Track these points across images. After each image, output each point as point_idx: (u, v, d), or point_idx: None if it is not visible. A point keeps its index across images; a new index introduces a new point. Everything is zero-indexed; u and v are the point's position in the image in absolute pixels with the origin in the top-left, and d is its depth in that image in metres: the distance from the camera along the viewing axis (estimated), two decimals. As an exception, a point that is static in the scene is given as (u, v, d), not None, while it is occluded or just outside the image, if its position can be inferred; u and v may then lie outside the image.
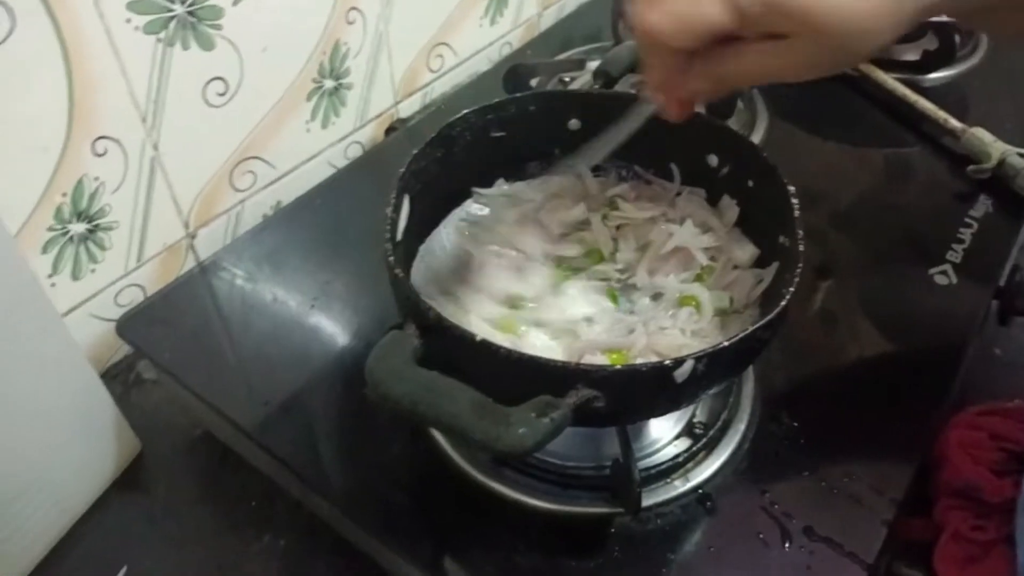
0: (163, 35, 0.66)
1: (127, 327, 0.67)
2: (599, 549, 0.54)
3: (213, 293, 0.71)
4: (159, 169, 0.71)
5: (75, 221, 0.66)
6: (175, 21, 0.66)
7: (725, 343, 0.45)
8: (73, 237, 0.67)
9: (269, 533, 0.61)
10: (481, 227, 0.64)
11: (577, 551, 0.54)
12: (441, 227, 0.64)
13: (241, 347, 0.67)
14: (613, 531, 0.54)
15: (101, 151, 0.66)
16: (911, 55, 0.98)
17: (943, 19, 0.91)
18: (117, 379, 0.72)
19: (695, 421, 0.60)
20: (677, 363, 0.44)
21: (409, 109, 0.96)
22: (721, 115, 0.59)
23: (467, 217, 0.65)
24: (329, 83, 0.84)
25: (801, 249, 0.51)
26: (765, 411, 0.62)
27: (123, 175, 0.68)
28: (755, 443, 0.60)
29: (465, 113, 0.61)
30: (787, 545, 0.53)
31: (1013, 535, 0.59)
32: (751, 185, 0.60)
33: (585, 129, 0.64)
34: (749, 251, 0.60)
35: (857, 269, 0.75)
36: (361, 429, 0.61)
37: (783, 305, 0.48)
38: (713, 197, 0.64)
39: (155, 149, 0.70)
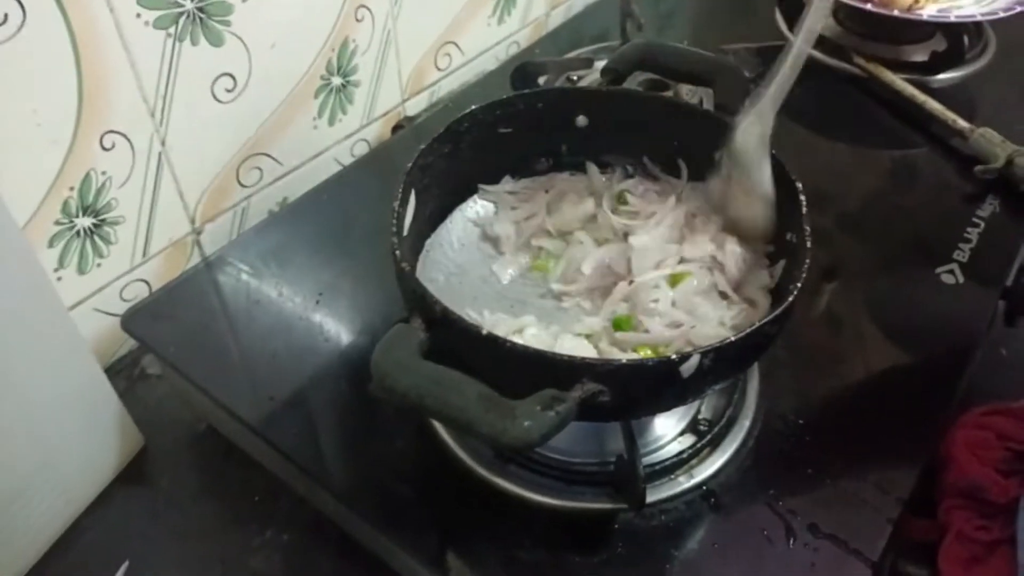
0: (173, 30, 0.66)
1: (132, 322, 0.67)
2: (603, 545, 0.54)
3: (218, 288, 0.71)
4: (166, 164, 0.71)
5: (82, 215, 0.66)
6: (185, 16, 0.67)
7: (731, 338, 0.45)
8: (79, 231, 0.67)
9: (272, 528, 0.61)
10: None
11: (581, 547, 0.54)
12: (447, 222, 0.64)
13: (246, 342, 0.67)
14: (617, 527, 0.54)
15: (109, 145, 0.66)
16: (919, 56, 0.98)
17: (952, 19, 0.92)
18: (121, 374, 0.72)
19: (700, 418, 0.60)
20: (683, 358, 0.44)
21: (416, 107, 0.96)
22: (729, 112, 0.59)
23: (474, 216, 0.65)
24: (337, 80, 0.84)
25: (808, 245, 0.51)
26: (770, 409, 0.61)
27: (130, 170, 0.68)
28: (760, 441, 0.60)
29: (473, 109, 0.61)
30: (791, 542, 0.53)
31: (1016, 535, 0.59)
32: (759, 183, 0.60)
33: (592, 126, 0.64)
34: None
35: (864, 269, 0.74)
36: (365, 424, 0.61)
37: (790, 300, 0.48)
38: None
39: (163, 144, 0.70)
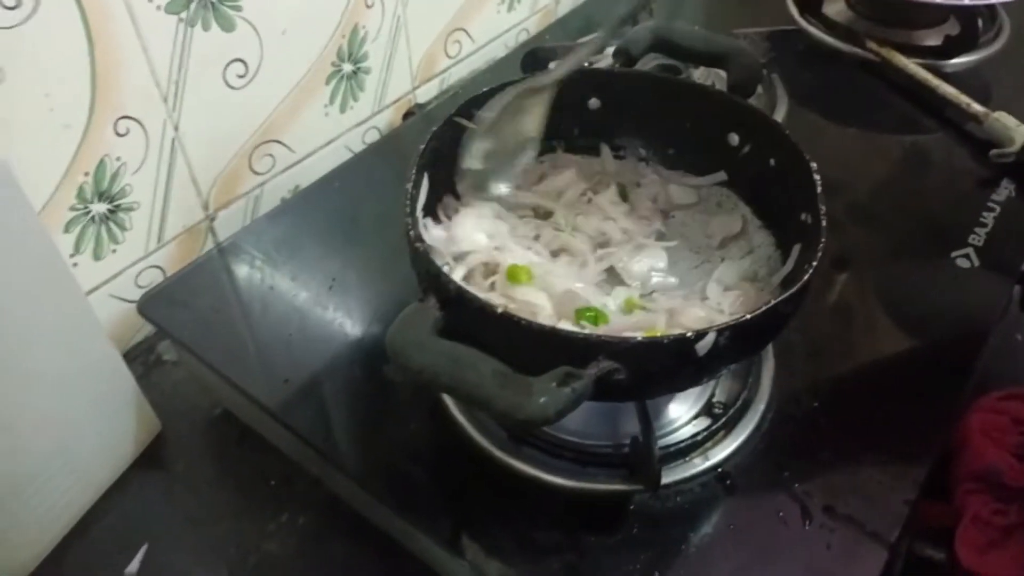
0: (184, 15, 0.66)
1: (149, 306, 0.67)
2: (618, 526, 0.54)
3: (233, 275, 0.72)
4: (179, 150, 0.71)
5: (97, 201, 0.67)
6: (196, 1, 0.67)
7: (747, 316, 0.45)
8: (95, 217, 0.67)
9: (287, 512, 0.61)
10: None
11: (596, 528, 0.54)
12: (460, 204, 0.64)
13: (260, 327, 0.68)
14: (632, 508, 0.54)
15: (123, 131, 0.66)
16: (933, 40, 0.97)
17: (965, 3, 0.91)
18: (137, 360, 0.72)
19: (714, 401, 0.60)
20: (699, 335, 0.44)
21: (427, 95, 0.96)
22: (743, 94, 0.59)
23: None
24: (348, 67, 0.84)
25: (823, 224, 0.51)
26: (785, 393, 0.61)
27: (144, 155, 0.69)
28: (775, 423, 0.59)
29: (486, 91, 0.61)
30: (807, 524, 0.53)
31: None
32: (772, 164, 0.59)
33: (604, 108, 0.64)
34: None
35: (879, 254, 0.74)
36: (380, 407, 0.61)
37: (806, 279, 0.48)
38: (733, 178, 0.64)
39: (176, 130, 0.70)
